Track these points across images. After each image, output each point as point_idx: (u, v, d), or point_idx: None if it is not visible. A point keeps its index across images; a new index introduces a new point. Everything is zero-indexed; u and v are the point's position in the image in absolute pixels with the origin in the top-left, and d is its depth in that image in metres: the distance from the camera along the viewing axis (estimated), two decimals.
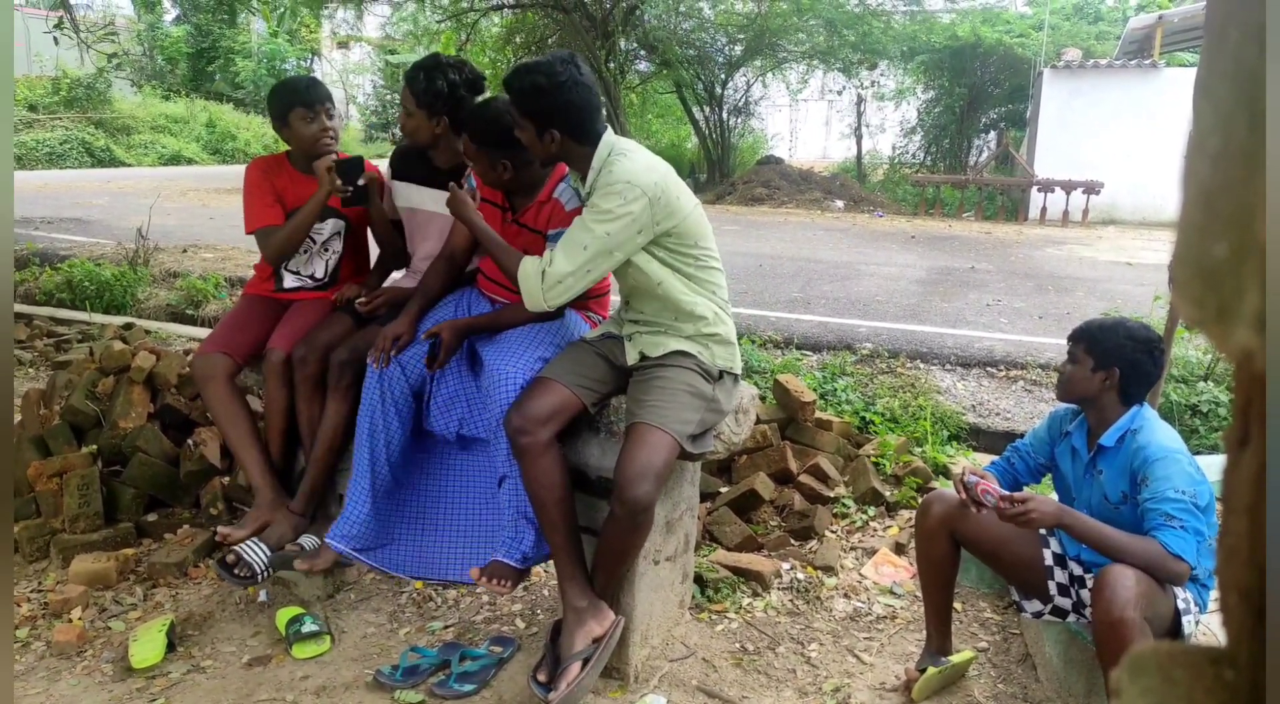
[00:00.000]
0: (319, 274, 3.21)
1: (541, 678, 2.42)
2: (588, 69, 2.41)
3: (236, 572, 2.81)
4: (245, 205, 3.11)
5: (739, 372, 2.68)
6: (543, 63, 2.36)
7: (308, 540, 2.94)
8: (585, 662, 2.40)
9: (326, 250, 3.20)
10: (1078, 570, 2.49)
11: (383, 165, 3.22)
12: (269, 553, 2.86)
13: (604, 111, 2.45)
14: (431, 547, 2.83)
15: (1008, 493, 2.34)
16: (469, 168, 2.88)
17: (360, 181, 2.98)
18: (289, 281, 3.21)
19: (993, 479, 2.42)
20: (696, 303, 2.53)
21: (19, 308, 6.98)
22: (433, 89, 2.87)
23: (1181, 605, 2.27)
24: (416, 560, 2.82)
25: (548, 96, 2.33)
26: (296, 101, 3.04)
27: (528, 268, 2.41)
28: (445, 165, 3.02)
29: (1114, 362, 2.33)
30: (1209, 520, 2.24)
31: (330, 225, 3.19)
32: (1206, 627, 2.44)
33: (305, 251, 3.18)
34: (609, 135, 2.44)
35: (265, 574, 2.85)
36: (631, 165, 2.37)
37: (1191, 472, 2.24)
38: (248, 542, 2.86)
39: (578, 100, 2.35)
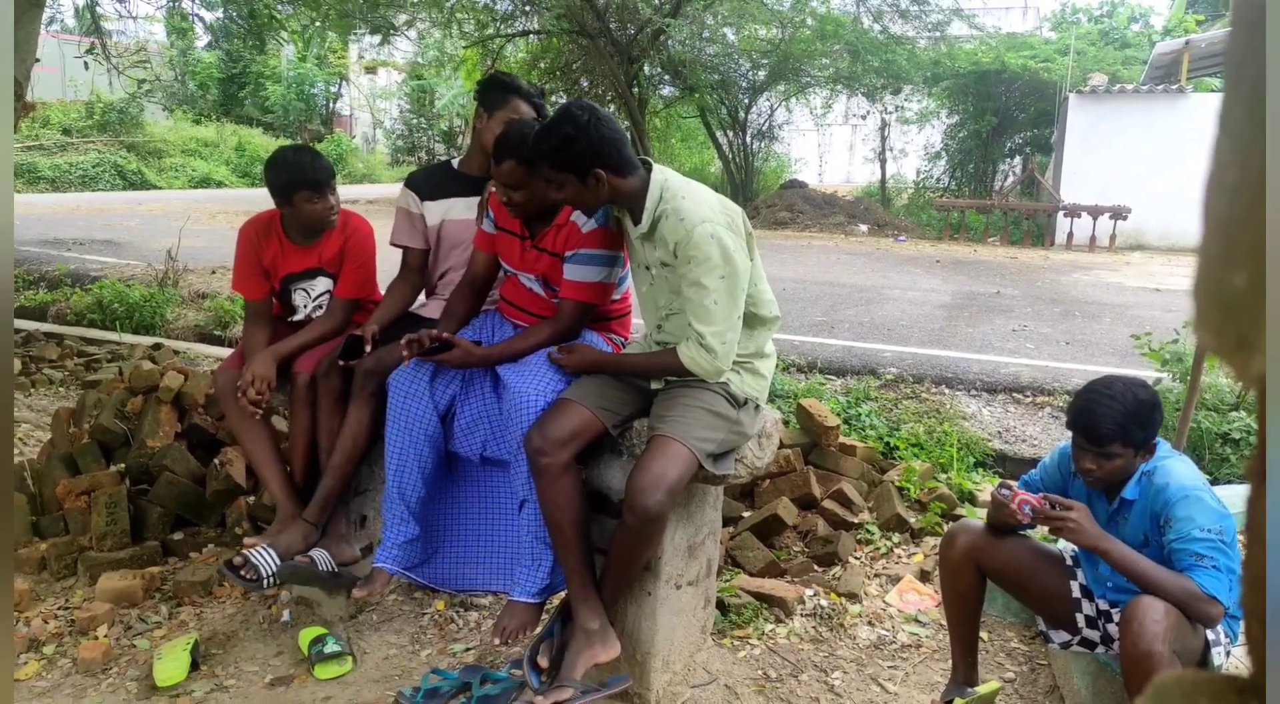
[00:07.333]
0: None
1: (542, 663, 2.40)
2: (598, 107, 2.47)
3: (243, 573, 2.76)
4: (235, 264, 3.14)
5: (763, 403, 2.69)
6: (560, 117, 2.41)
7: (318, 553, 2.90)
8: (579, 694, 2.37)
9: (321, 308, 3.19)
10: (1104, 605, 2.45)
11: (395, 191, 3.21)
12: (278, 560, 2.83)
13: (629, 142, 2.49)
14: (467, 560, 2.84)
15: (1045, 497, 2.31)
16: (488, 195, 2.89)
17: (366, 350, 2.87)
18: (298, 316, 3.23)
19: (1024, 490, 2.39)
20: (756, 332, 2.61)
21: (50, 328, 7.09)
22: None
23: (1211, 637, 2.24)
24: (456, 574, 2.84)
25: (580, 141, 2.37)
26: (302, 184, 2.96)
27: (688, 352, 2.43)
28: (474, 172, 3.12)
29: (1152, 436, 2.28)
30: (1236, 552, 2.20)
31: (322, 284, 3.17)
32: (1238, 660, 2.39)
33: (305, 307, 3.19)
34: (656, 171, 2.48)
35: (271, 580, 2.80)
36: (694, 206, 2.40)
37: (1215, 506, 2.20)
38: (257, 547, 2.83)
39: (609, 133, 2.39)
